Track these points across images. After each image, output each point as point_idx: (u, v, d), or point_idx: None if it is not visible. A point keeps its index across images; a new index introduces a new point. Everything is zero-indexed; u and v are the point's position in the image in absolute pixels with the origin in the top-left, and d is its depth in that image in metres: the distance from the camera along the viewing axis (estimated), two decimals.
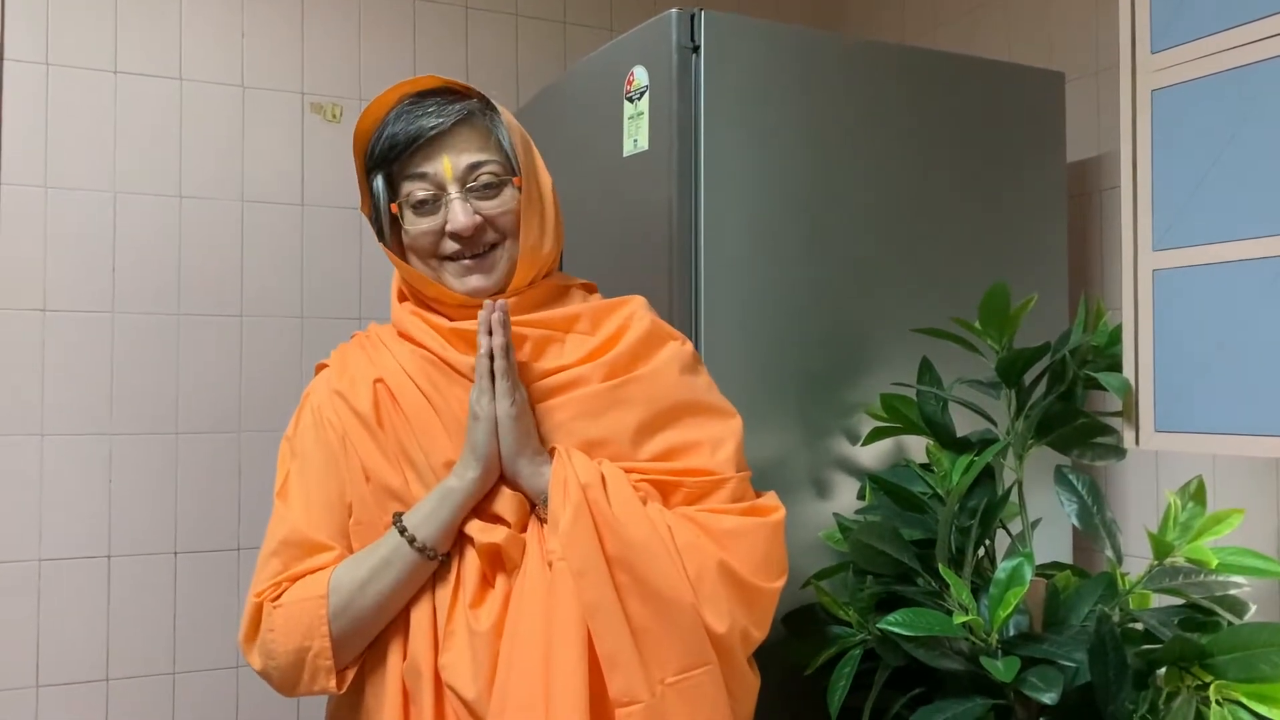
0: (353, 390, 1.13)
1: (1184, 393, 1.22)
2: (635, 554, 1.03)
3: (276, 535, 1.10)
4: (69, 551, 1.89)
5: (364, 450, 1.11)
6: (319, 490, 1.11)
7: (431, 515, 1.07)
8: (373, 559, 1.07)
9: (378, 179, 1.15)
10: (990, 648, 1.19)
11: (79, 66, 1.92)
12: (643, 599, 1.03)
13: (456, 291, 1.14)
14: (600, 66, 1.61)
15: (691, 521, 1.09)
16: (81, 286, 1.91)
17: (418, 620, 1.07)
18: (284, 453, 1.16)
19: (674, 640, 1.03)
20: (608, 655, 1.00)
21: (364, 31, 2.13)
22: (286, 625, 1.05)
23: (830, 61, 1.53)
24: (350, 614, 1.05)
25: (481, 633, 1.04)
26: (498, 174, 1.14)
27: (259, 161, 2.04)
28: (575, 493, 1.04)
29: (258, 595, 1.08)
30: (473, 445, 1.07)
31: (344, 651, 1.06)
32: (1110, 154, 1.83)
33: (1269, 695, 1.05)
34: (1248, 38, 1.15)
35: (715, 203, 1.43)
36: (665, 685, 1.01)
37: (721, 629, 1.05)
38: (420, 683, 1.05)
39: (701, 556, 1.06)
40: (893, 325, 1.54)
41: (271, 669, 1.07)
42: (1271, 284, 1.12)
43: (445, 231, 1.13)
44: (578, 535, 1.03)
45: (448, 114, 1.12)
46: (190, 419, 1.97)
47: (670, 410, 1.14)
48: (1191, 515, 1.19)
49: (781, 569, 1.13)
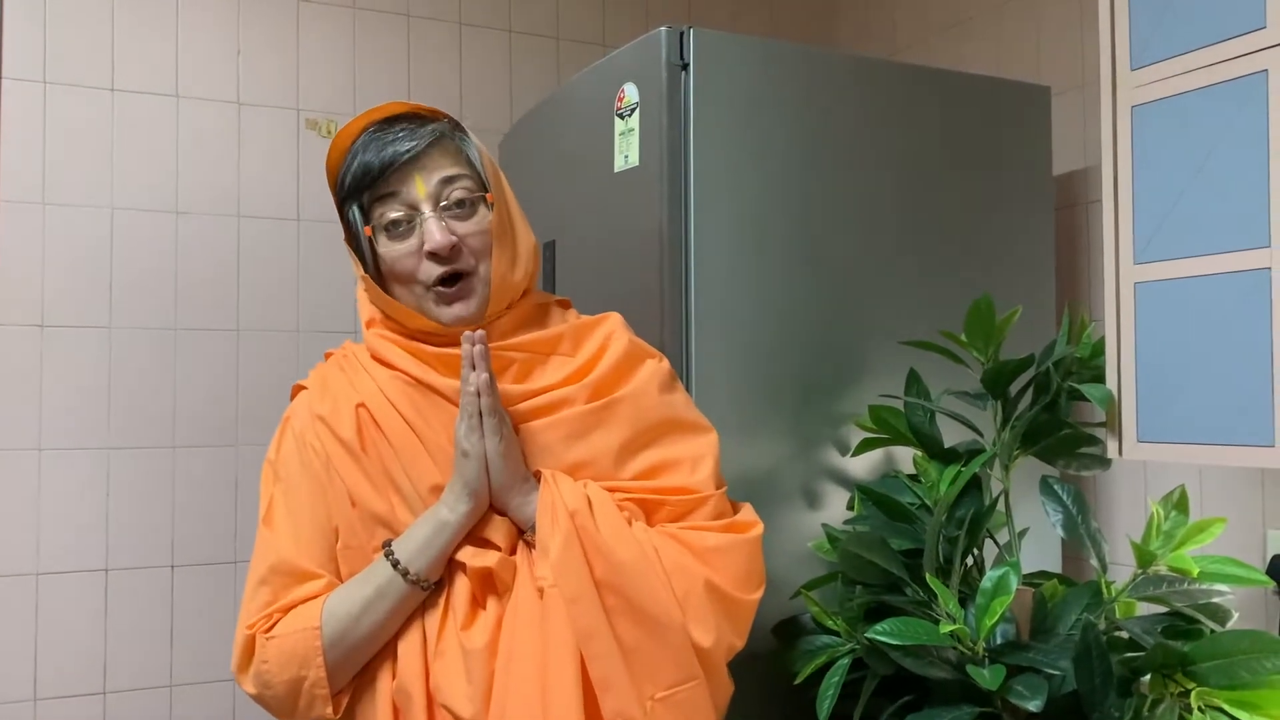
0: (335, 415, 1.13)
1: (1166, 403, 1.24)
2: (624, 577, 1.05)
3: (265, 562, 1.10)
4: (66, 565, 1.90)
5: (349, 476, 1.11)
6: (307, 516, 1.12)
7: (425, 548, 1.07)
8: (366, 590, 1.07)
9: (353, 209, 1.14)
10: (977, 656, 1.20)
11: (77, 84, 1.94)
12: (633, 620, 1.04)
13: (440, 321, 1.14)
14: (591, 83, 1.63)
15: (675, 540, 1.10)
16: (79, 302, 1.93)
17: (407, 643, 1.08)
18: (267, 476, 1.16)
19: (664, 658, 1.05)
20: (600, 679, 1.02)
21: (359, 48, 2.15)
22: (280, 657, 1.06)
23: (819, 77, 1.55)
24: (345, 645, 1.06)
25: (475, 651, 1.05)
26: (470, 189, 1.13)
27: (255, 177, 2.06)
28: (564, 520, 1.05)
29: (250, 627, 1.08)
30: (464, 481, 1.08)
31: (338, 679, 1.08)
32: (1096, 167, 1.85)
33: (1250, 702, 1.07)
34: (1225, 55, 1.17)
35: (705, 218, 1.45)
36: (655, 701, 1.03)
37: (708, 644, 1.07)
38: (411, 704, 1.06)
39: (689, 576, 1.08)
40: (882, 337, 1.55)
41: (268, 698, 1.09)
42: (1249, 296, 1.14)
43: (423, 253, 1.11)
44: (568, 563, 1.04)
45: (420, 136, 1.12)
46: (187, 433, 1.99)
47: (651, 429, 1.16)
48: (1174, 524, 1.21)
49: (760, 580, 1.15)
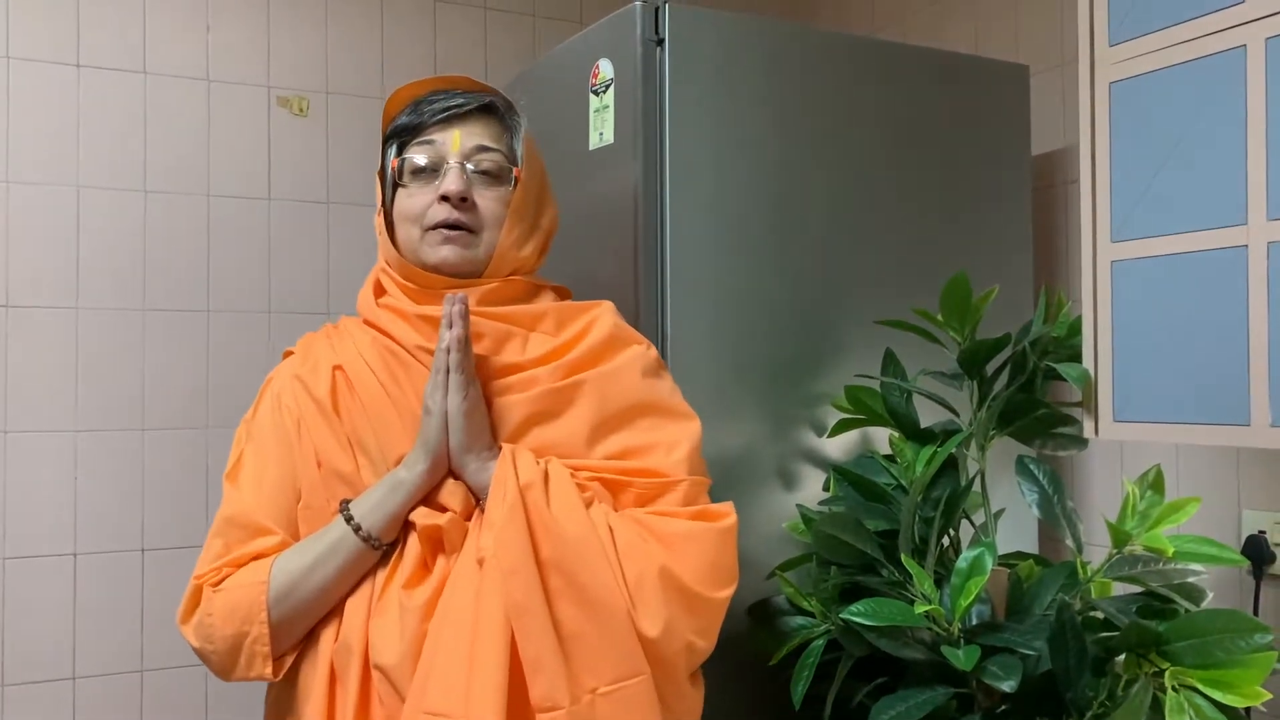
0: (313, 376, 1.15)
1: (1142, 383, 1.23)
2: (569, 555, 1.01)
3: (222, 515, 1.11)
4: (34, 549, 1.87)
5: (317, 435, 1.11)
6: (271, 474, 1.12)
7: (379, 505, 1.07)
8: (318, 546, 1.07)
9: (392, 146, 1.19)
10: (952, 637, 1.20)
11: (41, 60, 1.89)
12: (575, 602, 1.00)
13: (426, 263, 1.15)
14: (566, 59, 1.61)
15: (638, 524, 1.07)
16: (44, 282, 1.89)
17: (354, 601, 1.07)
18: (239, 435, 1.17)
19: (606, 647, 1.00)
20: (531, 659, 0.98)
21: (331, 24, 2.12)
22: (225, 610, 1.06)
23: (795, 54, 1.53)
24: (290, 601, 1.05)
25: (412, 609, 1.03)
26: (500, 165, 1.17)
27: (225, 156, 2.02)
28: (513, 493, 1.03)
29: (198, 578, 1.08)
30: (424, 439, 1.08)
31: (281, 638, 1.06)
32: (1074, 147, 1.84)
33: (1224, 681, 1.07)
34: (1203, 30, 1.16)
35: (680, 196, 1.43)
36: (596, 695, 0.98)
37: (654, 634, 1.01)
38: (350, 659, 1.04)
39: (643, 561, 1.03)
40: (858, 317, 1.54)
41: (209, 653, 1.08)
42: (1225, 275, 1.14)
43: (437, 196, 1.14)
44: (510, 535, 1.01)
45: (471, 99, 1.18)
46: (157, 415, 1.96)
47: (626, 411, 1.14)
48: (1150, 504, 1.20)
49: (731, 577, 1.09)
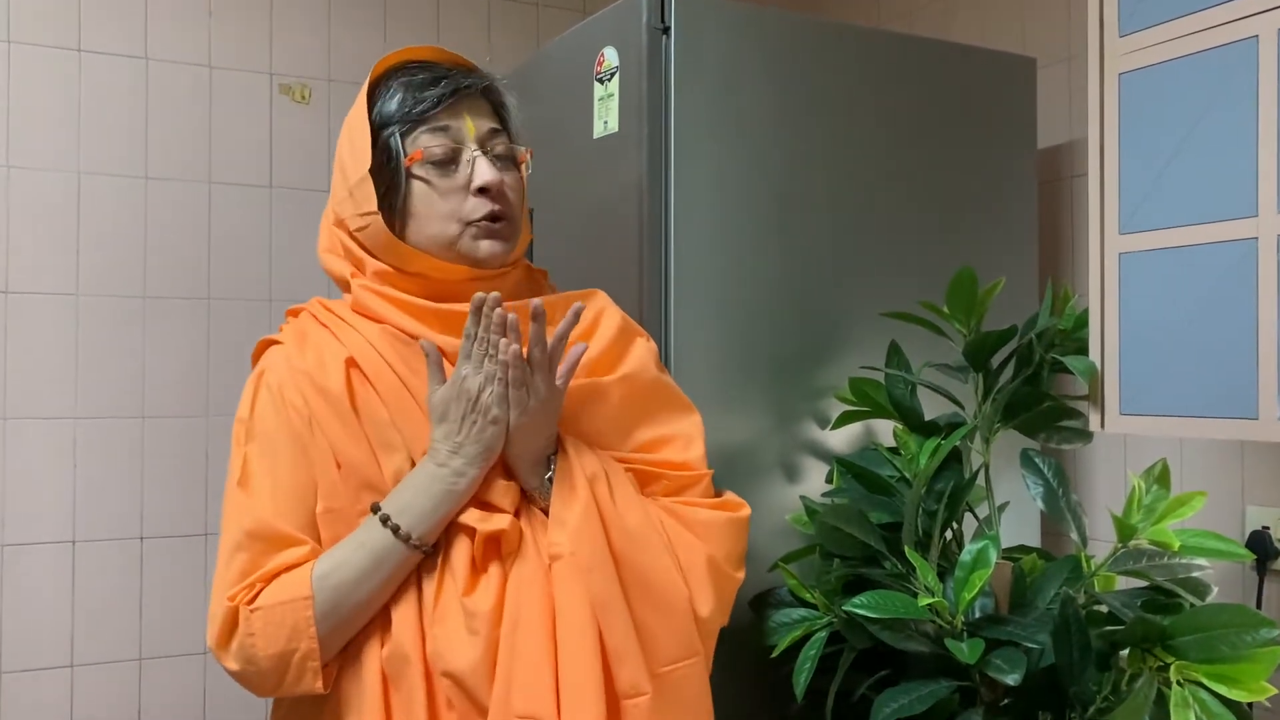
0: (321, 370, 1.06)
1: (1149, 376, 1.22)
2: (634, 547, 1.05)
3: (241, 527, 1.02)
4: (33, 537, 1.86)
5: (334, 435, 1.04)
6: (286, 478, 1.04)
7: (431, 513, 1.02)
8: (360, 557, 1.01)
9: (394, 135, 1.10)
10: (955, 630, 1.19)
11: (42, 44, 1.88)
12: (643, 592, 1.04)
13: (475, 257, 1.10)
14: (571, 47, 1.60)
15: (670, 513, 1.11)
16: (44, 268, 1.88)
17: (402, 609, 1.02)
18: (239, 435, 1.08)
19: (667, 632, 1.05)
20: (615, 649, 1.01)
21: (334, 11, 2.11)
22: (268, 629, 0.99)
23: (802, 44, 1.52)
24: (340, 614, 1.00)
25: (481, 614, 1.00)
26: (509, 147, 1.15)
27: (226, 143, 2.01)
28: (584, 490, 1.04)
29: (231, 599, 1.00)
30: (483, 446, 1.03)
31: (329, 650, 1.01)
32: (1081, 141, 1.84)
33: (1229, 676, 1.06)
34: (1215, 20, 1.15)
35: (685, 185, 1.42)
36: (655, 676, 1.03)
37: (705, 613, 1.08)
38: (408, 668, 1.00)
39: (691, 549, 1.10)
40: (863, 309, 1.53)
41: (251, 673, 1.01)
42: (1235, 267, 1.13)
43: (471, 189, 1.09)
44: (586, 531, 1.02)
45: (474, 77, 1.13)
46: (157, 403, 1.95)
47: (649, 405, 1.17)
48: (1155, 498, 1.19)
49: (743, 562, 1.17)
